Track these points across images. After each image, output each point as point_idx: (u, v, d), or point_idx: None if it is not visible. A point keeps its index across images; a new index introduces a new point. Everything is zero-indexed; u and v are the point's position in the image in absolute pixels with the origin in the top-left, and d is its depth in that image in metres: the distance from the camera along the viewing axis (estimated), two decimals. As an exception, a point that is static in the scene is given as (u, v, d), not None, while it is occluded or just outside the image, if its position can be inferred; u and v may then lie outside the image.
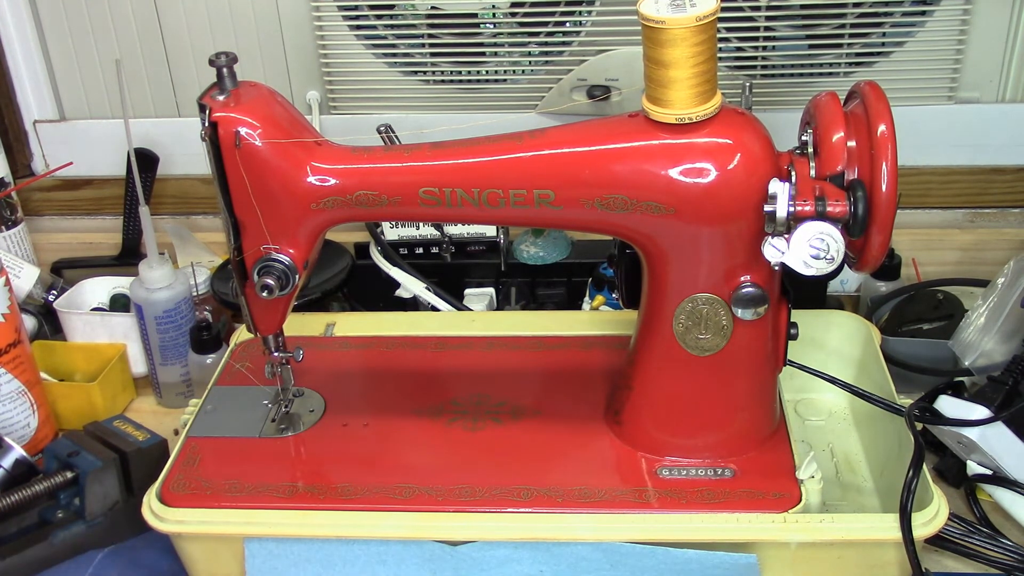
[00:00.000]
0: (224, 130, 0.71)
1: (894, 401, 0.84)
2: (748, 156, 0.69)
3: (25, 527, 0.83)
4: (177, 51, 1.18)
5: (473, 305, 1.09)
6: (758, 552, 0.73)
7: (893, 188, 0.67)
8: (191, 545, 0.78)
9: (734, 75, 1.10)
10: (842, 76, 1.10)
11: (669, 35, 0.65)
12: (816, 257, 0.68)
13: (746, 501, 0.75)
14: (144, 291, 0.99)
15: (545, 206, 0.72)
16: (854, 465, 0.90)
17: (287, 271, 0.76)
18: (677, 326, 0.75)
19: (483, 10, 1.09)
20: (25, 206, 1.23)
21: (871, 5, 1.05)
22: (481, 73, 1.14)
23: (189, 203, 1.25)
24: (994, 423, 0.80)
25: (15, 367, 0.91)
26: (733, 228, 0.71)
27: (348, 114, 1.18)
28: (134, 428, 0.88)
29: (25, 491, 0.82)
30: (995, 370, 0.86)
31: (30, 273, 1.13)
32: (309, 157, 0.74)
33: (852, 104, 0.72)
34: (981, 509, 0.84)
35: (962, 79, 1.10)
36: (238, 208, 0.74)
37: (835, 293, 1.11)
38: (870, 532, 0.73)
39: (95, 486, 0.81)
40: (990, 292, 0.93)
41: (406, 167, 0.73)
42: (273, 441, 0.85)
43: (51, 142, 1.24)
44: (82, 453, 0.84)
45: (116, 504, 0.82)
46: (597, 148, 0.71)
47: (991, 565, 0.80)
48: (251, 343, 0.96)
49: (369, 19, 1.12)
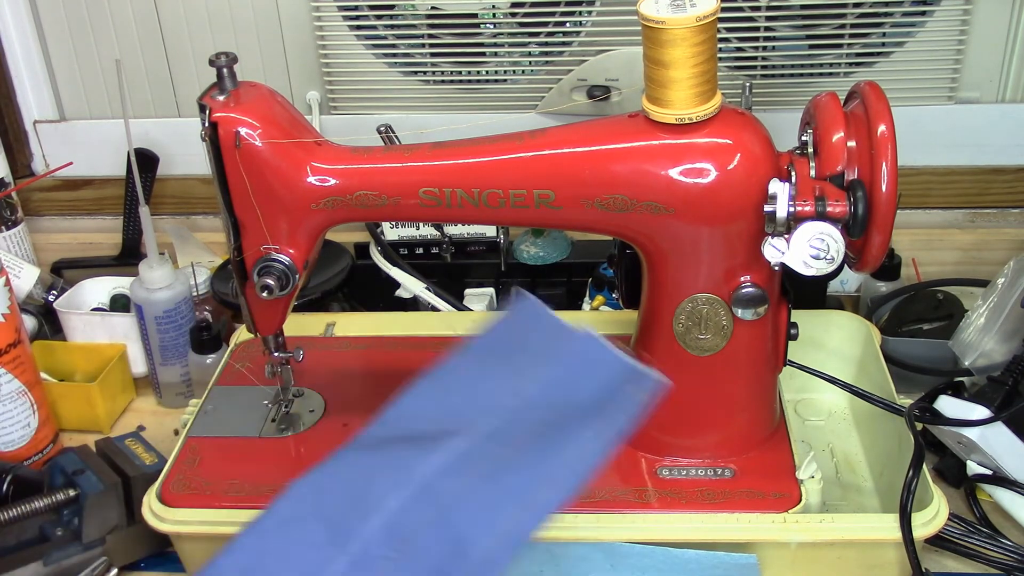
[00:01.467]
0: (224, 130, 0.71)
1: (894, 401, 0.84)
2: (748, 156, 0.69)
3: (25, 540, 0.82)
4: (177, 51, 1.18)
5: (473, 305, 1.08)
6: (758, 552, 0.73)
7: (893, 188, 0.67)
8: (191, 545, 0.78)
9: (734, 75, 1.10)
10: (842, 76, 1.10)
11: (669, 35, 0.65)
12: (816, 257, 0.68)
13: (746, 501, 0.75)
14: (144, 291, 0.99)
15: (545, 206, 0.72)
16: (854, 465, 0.90)
17: (287, 271, 0.76)
18: (677, 326, 0.75)
19: (483, 10, 1.09)
20: (25, 206, 1.23)
21: (871, 5, 1.05)
22: (481, 73, 1.14)
23: (189, 203, 1.25)
24: (994, 423, 0.80)
25: (15, 367, 0.91)
26: (733, 228, 0.71)
27: (348, 114, 1.18)
28: (144, 449, 0.88)
29: (24, 506, 0.82)
30: (995, 370, 0.86)
31: (30, 273, 1.13)
32: (309, 157, 0.74)
33: (852, 104, 0.72)
34: (981, 509, 0.84)
35: (962, 79, 1.10)
36: (238, 208, 0.74)
37: (835, 293, 1.11)
38: (870, 532, 0.73)
39: (95, 509, 0.81)
40: (990, 292, 0.93)
41: (406, 167, 0.73)
42: (273, 441, 0.85)
43: (51, 142, 1.24)
44: (87, 472, 0.84)
45: (115, 528, 0.81)
46: (597, 148, 0.71)
47: (991, 565, 0.80)
48: (251, 343, 0.96)
49: (369, 19, 1.12)
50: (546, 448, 0.52)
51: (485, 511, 0.50)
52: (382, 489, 0.52)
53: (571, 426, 0.53)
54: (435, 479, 0.52)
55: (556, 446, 0.52)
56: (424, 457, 0.53)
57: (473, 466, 0.52)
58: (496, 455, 0.52)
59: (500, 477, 0.51)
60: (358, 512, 0.51)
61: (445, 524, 0.50)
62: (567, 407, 0.55)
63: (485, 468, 0.51)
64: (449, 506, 0.50)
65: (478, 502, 0.50)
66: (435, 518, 0.50)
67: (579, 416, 0.54)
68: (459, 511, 0.50)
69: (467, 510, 0.50)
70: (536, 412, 0.55)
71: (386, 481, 0.52)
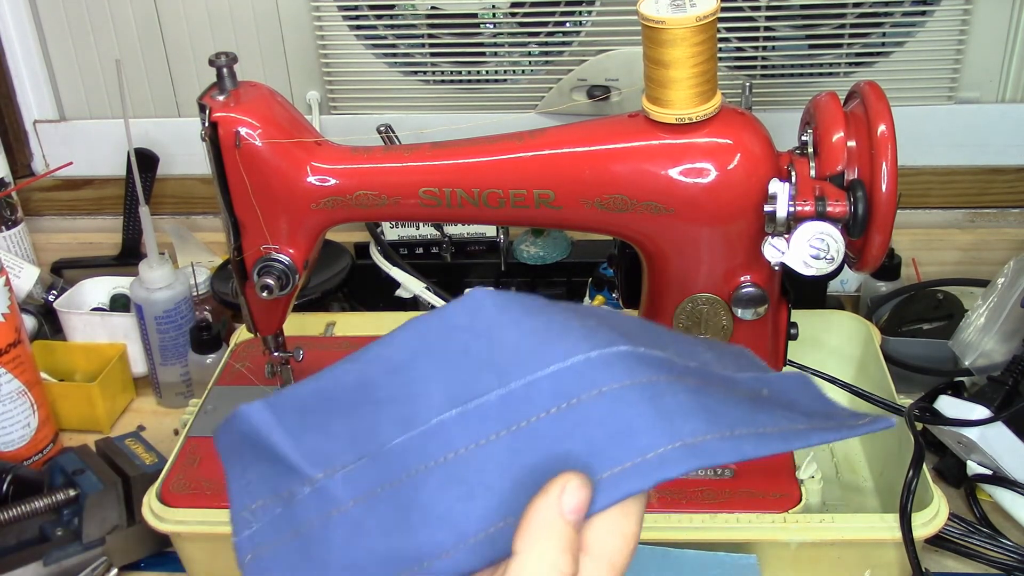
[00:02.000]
0: (224, 130, 0.71)
1: (894, 401, 0.84)
2: (748, 156, 0.69)
3: (25, 540, 0.82)
4: (177, 51, 1.18)
5: (473, 305, 1.08)
6: (758, 552, 0.73)
7: (893, 188, 0.67)
8: (191, 545, 0.78)
9: (734, 75, 1.10)
10: (842, 76, 1.10)
11: (669, 35, 0.65)
12: (816, 257, 0.68)
13: (746, 501, 0.75)
14: (144, 291, 0.99)
15: (545, 206, 0.72)
16: (854, 465, 0.90)
17: (287, 271, 0.76)
18: (677, 326, 0.75)
19: (483, 10, 1.09)
20: (25, 206, 1.23)
21: (871, 5, 1.05)
22: (481, 73, 1.14)
23: (189, 203, 1.25)
24: (994, 423, 0.80)
25: (15, 367, 0.91)
26: (733, 228, 0.71)
27: (348, 114, 1.18)
28: (144, 449, 0.88)
29: (24, 506, 0.82)
30: (995, 370, 0.86)
31: (30, 273, 1.13)
32: (309, 157, 0.74)
33: (852, 104, 0.72)
34: (981, 509, 0.84)
35: (962, 79, 1.10)
36: (238, 208, 0.74)
37: (835, 293, 1.11)
38: (870, 532, 0.73)
39: (95, 509, 0.81)
40: (990, 292, 0.93)
41: (406, 167, 0.73)
42: (273, 441, 0.84)
43: (51, 142, 1.24)
44: (87, 472, 0.84)
45: (115, 528, 0.81)
46: (597, 148, 0.71)
47: (991, 565, 0.80)
48: (251, 343, 0.96)
49: (369, 19, 1.12)
50: (755, 403, 0.44)
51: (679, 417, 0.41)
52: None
53: (775, 406, 0.45)
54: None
55: (766, 407, 0.44)
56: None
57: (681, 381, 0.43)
58: (698, 385, 0.45)
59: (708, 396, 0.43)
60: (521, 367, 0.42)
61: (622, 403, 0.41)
62: (771, 396, 0.48)
63: (691, 383, 0.42)
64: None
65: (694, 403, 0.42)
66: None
67: (783, 406, 0.45)
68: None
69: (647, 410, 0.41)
70: (740, 383, 0.48)
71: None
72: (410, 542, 0.42)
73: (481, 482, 0.41)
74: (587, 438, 0.41)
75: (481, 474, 0.41)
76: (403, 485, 0.42)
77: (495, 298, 0.44)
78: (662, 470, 0.40)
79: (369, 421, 0.44)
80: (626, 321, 0.47)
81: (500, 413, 0.42)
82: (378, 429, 0.44)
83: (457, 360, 0.43)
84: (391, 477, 0.43)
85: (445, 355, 0.44)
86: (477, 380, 0.43)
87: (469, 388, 0.43)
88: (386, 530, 0.42)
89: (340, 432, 0.45)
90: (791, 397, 0.47)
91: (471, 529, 0.41)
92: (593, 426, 0.41)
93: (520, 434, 0.41)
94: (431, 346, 0.44)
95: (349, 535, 0.43)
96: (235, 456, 0.48)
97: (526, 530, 0.38)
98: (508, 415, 0.42)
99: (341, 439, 0.45)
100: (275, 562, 0.45)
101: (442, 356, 0.44)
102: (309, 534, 0.44)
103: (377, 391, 0.45)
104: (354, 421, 0.45)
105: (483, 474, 0.41)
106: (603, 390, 0.41)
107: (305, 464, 0.45)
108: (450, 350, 0.44)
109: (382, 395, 0.45)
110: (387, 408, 0.44)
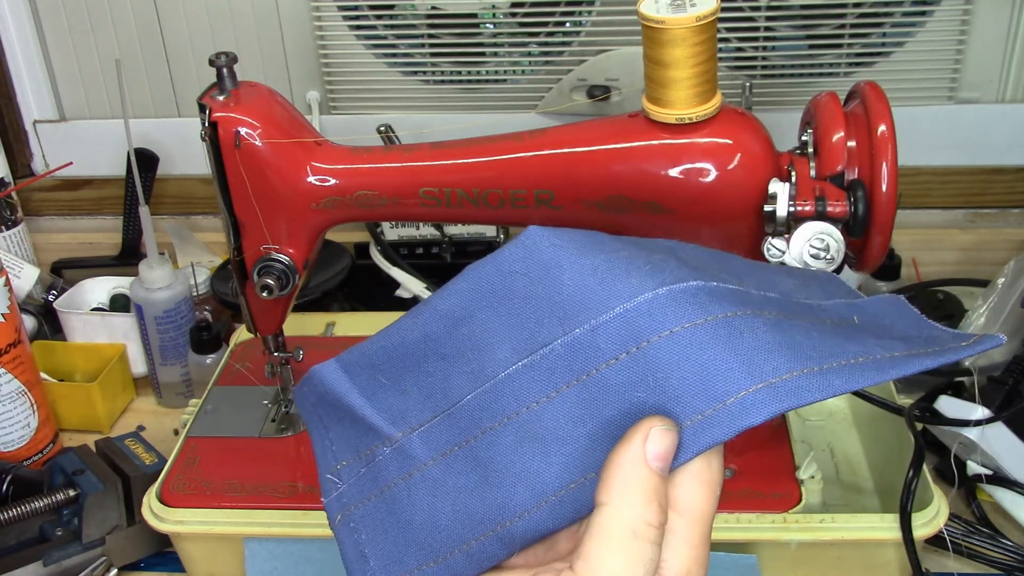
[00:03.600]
0: (224, 130, 0.71)
1: (894, 401, 0.84)
2: (748, 156, 0.69)
3: (25, 540, 0.82)
4: (177, 51, 1.18)
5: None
6: (758, 552, 0.73)
7: (893, 188, 0.67)
8: (191, 545, 0.78)
9: (734, 75, 1.10)
10: (842, 76, 1.10)
11: (669, 35, 0.65)
12: (816, 257, 0.68)
13: (746, 501, 0.75)
14: (144, 291, 0.99)
15: (545, 206, 0.72)
16: (854, 465, 0.90)
17: (287, 271, 0.76)
18: (677, 326, 0.75)
19: (483, 10, 1.09)
20: (25, 206, 1.23)
21: (871, 5, 1.05)
22: (481, 73, 1.14)
23: (189, 203, 1.25)
24: (994, 423, 0.80)
25: (15, 367, 0.91)
26: (733, 228, 0.71)
27: (348, 114, 1.18)
28: (144, 450, 0.88)
29: (24, 506, 0.82)
30: (995, 370, 0.86)
31: (30, 273, 1.13)
32: (309, 157, 0.74)
33: (852, 104, 0.72)
34: (981, 509, 0.84)
35: (962, 79, 1.10)
36: (238, 208, 0.74)
37: (835, 293, 1.11)
38: (870, 532, 0.73)
39: (94, 509, 0.81)
40: (990, 292, 0.93)
41: (406, 167, 0.73)
42: (273, 441, 0.85)
43: (51, 142, 1.24)
44: (87, 472, 0.84)
45: (115, 528, 0.81)
46: (597, 148, 0.71)
47: (991, 565, 0.80)
48: (251, 343, 0.96)
49: (369, 19, 1.12)
50: (846, 331, 0.41)
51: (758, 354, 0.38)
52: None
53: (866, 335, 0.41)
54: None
55: (859, 335, 0.41)
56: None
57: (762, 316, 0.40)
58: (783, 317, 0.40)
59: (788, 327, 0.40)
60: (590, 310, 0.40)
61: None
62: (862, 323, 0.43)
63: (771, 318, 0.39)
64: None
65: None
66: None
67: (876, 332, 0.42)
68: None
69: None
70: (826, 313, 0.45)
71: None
72: (489, 501, 0.41)
73: (556, 437, 0.40)
74: (660, 386, 0.38)
75: (555, 429, 0.40)
76: (479, 443, 0.41)
77: (551, 237, 0.42)
78: (745, 417, 0.38)
79: (439, 377, 0.43)
80: (698, 252, 0.45)
81: (568, 363, 0.40)
82: (449, 385, 0.43)
83: (518, 308, 0.42)
84: (467, 435, 0.42)
85: (505, 303, 0.42)
86: (540, 327, 0.41)
87: (534, 336, 0.41)
88: (465, 489, 0.41)
89: (412, 389, 0.44)
90: (886, 322, 0.44)
91: (550, 487, 0.39)
92: (666, 372, 0.38)
93: (590, 384, 0.39)
94: (489, 295, 0.43)
95: (430, 495, 0.42)
96: (315, 417, 0.47)
97: (609, 481, 0.37)
98: (576, 364, 0.40)
99: (414, 397, 0.44)
100: (363, 522, 0.44)
101: (502, 305, 0.42)
102: (392, 495, 0.44)
103: (442, 346, 0.44)
104: (424, 378, 0.44)
105: (557, 429, 0.40)
106: (674, 331, 0.38)
107: (383, 423, 0.44)
108: (509, 297, 0.42)
109: (448, 350, 0.43)
110: (455, 363, 0.43)
